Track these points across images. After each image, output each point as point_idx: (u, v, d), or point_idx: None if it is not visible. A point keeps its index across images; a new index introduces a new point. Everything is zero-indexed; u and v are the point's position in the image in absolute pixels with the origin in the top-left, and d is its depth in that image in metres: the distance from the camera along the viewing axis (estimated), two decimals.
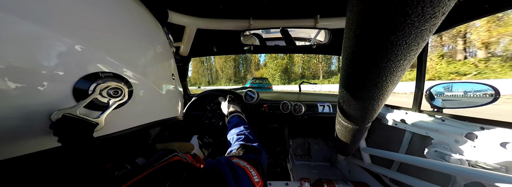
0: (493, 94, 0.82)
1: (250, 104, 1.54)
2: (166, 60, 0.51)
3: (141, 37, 0.43)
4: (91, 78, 0.29)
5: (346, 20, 0.42)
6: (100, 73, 0.30)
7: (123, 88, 0.31)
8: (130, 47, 0.38)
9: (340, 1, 0.88)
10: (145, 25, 0.45)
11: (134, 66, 0.36)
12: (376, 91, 0.53)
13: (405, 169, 1.12)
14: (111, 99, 0.30)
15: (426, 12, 0.30)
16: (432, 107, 1.00)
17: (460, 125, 0.82)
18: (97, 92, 0.28)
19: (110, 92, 0.30)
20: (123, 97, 0.31)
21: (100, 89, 0.29)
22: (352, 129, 0.87)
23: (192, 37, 1.09)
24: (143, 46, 0.42)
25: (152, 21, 0.49)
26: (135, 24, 0.41)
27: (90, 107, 0.29)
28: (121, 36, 0.36)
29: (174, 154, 0.38)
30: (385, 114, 1.26)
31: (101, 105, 0.29)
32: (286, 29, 1.04)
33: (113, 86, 0.30)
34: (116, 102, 0.30)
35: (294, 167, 1.86)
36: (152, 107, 0.41)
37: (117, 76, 0.32)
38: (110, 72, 0.31)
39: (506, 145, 0.67)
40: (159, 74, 0.45)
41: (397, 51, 0.38)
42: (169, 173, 0.33)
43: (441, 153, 0.86)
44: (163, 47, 0.50)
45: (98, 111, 0.29)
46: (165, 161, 0.35)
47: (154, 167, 0.32)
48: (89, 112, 0.29)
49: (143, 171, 0.31)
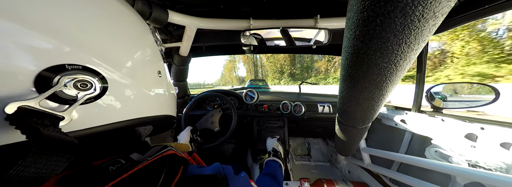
0: (493, 94, 0.82)
1: (250, 104, 1.54)
2: (151, 56, 0.50)
3: (120, 30, 0.41)
4: (55, 70, 0.27)
5: (346, 20, 0.42)
6: (67, 66, 0.28)
7: (93, 82, 0.30)
8: (105, 40, 0.36)
9: (340, 1, 0.88)
10: (126, 18, 0.44)
11: (109, 60, 0.35)
12: (376, 92, 0.53)
13: (405, 169, 1.12)
14: (79, 92, 0.29)
15: (426, 12, 0.30)
16: (432, 107, 1.00)
17: (460, 125, 0.82)
18: (61, 84, 0.27)
19: (76, 85, 0.28)
20: (93, 90, 0.30)
21: (64, 81, 0.27)
22: (352, 129, 0.87)
23: (192, 37, 1.09)
24: (121, 41, 0.40)
25: (134, 14, 0.49)
26: (113, 17, 0.40)
27: (56, 100, 0.28)
28: (96, 28, 0.35)
29: (168, 148, 0.38)
30: (385, 114, 1.26)
31: (69, 98, 0.28)
32: (286, 29, 1.04)
33: (80, 79, 0.29)
34: (85, 95, 0.29)
35: (294, 167, 1.86)
36: (133, 104, 0.40)
37: (87, 69, 0.31)
38: (78, 64, 0.30)
39: (506, 145, 0.67)
40: (141, 71, 0.44)
41: (397, 52, 0.38)
42: (163, 166, 0.33)
43: (441, 153, 0.86)
44: (147, 44, 0.49)
45: (65, 104, 0.28)
46: (160, 154, 0.35)
47: (148, 160, 0.32)
48: (56, 105, 0.28)
49: (138, 165, 0.31)
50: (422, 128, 0.98)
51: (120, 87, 0.36)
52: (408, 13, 0.31)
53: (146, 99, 0.44)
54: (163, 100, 0.52)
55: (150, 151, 0.37)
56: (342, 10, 0.98)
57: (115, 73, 0.35)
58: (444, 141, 0.87)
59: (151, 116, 0.44)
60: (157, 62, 0.52)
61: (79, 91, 0.29)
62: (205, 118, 1.36)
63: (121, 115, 0.37)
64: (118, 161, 0.31)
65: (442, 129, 0.88)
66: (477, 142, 0.75)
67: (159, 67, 0.51)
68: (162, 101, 0.51)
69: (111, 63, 0.35)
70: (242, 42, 1.11)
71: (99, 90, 0.31)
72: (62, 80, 0.27)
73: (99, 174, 0.28)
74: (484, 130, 0.74)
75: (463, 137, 0.79)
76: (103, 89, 0.32)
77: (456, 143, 0.81)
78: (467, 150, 0.77)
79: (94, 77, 0.31)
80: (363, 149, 1.39)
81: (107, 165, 0.30)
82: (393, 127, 1.19)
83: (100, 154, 0.33)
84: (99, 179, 0.27)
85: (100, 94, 0.32)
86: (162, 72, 0.52)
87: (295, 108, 1.50)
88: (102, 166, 0.29)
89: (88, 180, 0.27)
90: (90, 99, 0.31)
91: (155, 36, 0.58)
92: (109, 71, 0.34)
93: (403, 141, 1.13)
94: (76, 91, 0.29)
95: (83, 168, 0.29)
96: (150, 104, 0.45)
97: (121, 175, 0.28)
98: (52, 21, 0.28)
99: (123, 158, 0.32)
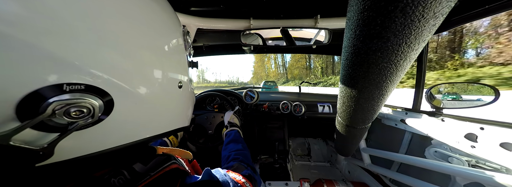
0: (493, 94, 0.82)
1: (250, 104, 1.54)
2: (175, 66, 0.41)
3: (143, 34, 0.32)
4: (49, 91, 0.21)
5: (346, 20, 0.42)
6: (65, 86, 0.22)
7: (93, 107, 0.24)
8: (121, 45, 0.28)
9: (340, 1, 0.88)
10: (153, 16, 0.34)
11: (123, 76, 0.28)
12: (376, 92, 0.53)
13: (405, 170, 1.12)
14: (72, 121, 0.23)
15: (426, 12, 0.30)
16: (432, 107, 1.00)
17: (460, 125, 0.82)
18: (48, 113, 0.21)
19: (69, 112, 0.22)
20: (90, 117, 0.24)
21: (53, 108, 0.21)
22: (352, 129, 0.87)
23: (192, 37, 1.09)
24: (142, 48, 0.31)
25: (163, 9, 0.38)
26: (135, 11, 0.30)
27: (42, 128, 0.22)
28: (110, 27, 0.26)
29: (172, 161, 0.37)
30: (385, 114, 1.26)
31: (59, 127, 0.23)
32: (286, 29, 1.04)
33: (75, 105, 0.22)
34: (78, 124, 0.23)
35: (294, 167, 1.86)
36: (142, 124, 0.33)
37: (91, 89, 0.24)
38: (80, 84, 0.23)
39: (506, 145, 0.67)
40: (158, 85, 0.35)
41: (397, 52, 0.38)
42: (165, 181, 0.33)
43: (441, 154, 0.86)
44: (174, 51, 0.40)
45: (55, 132, 0.23)
46: (163, 169, 0.34)
47: (152, 176, 0.32)
48: (41, 135, 0.22)
49: (141, 180, 0.30)
50: (422, 128, 0.98)
51: (128, 107, 0.29)
52: (408, 13, 0.31)
53: (157, 117, 0.37)
54: (179, 113, 0.45)
55: (153, 162, 0.35)
56: (342, 10, 0.98)
57: (125, 90, 0.28)
58: (444, 141, 0.87)
59: (161, 133, 0.39)
60: (180, 73, 0.43)
61: (71, 119, 0.23)
62: (206, 115, 1.38)
63: (124, 138, 0.31)
64: (120, 172, 0.30)
65: (442, 129, 0.88)
66: (477, 142, 0.75)
67: (181, 78, 0.43)
68: (178, 115, 0.45)
69: (122, 78, 0.27)
70: (242, 42, 1.11)
71: (99, 115, 0.25)
72: (50, 107, 0.21)
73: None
74: (484, 130, 0.74)
75: (463, 137, 0.79)
76: (105, 112, 0.26)
77: (456, 143, 0.81)
78: (467, 150, 0.77)
79: (96, 99, 0.25)
80: (363, 149, 1.39)
81: (109, 176, 0.29)
82: (393, 127, 1.19)
83: (102, 165, 0.32)
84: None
85: (101, 118, 0.26)
86: (183, 82, 0.43)
87: (295, 108, 1.50)
88: (104, 177, 0.28)
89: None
90: (86, 126, 0.25)
91: (186, 39, 0.47)
92: (118, 88, 0.27)
93: (403, 141, 1.13)
94: (68, 120, 0.23)
95: (85, 180, 0.28)
96: (163, 121, 0.39)
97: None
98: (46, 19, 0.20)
99: (125, 169, 0.31)
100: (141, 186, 0.29)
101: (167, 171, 0.34)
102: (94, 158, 0.29)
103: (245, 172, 0.51)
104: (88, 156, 0.27)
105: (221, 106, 1.56)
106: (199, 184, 0.36)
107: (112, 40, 0.27)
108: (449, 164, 0.77)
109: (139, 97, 0.31)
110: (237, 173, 0.47)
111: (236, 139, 0.82)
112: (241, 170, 0.52)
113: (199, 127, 1.36)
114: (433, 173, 0.90)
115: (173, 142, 1.02)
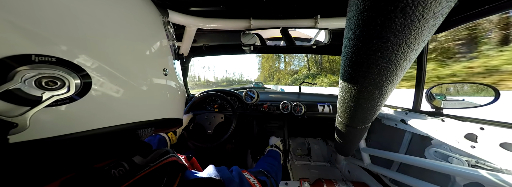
0: (493, 94, 0.82)
1: (250, 104, 1.54)
2: (156, 51, 0.43)
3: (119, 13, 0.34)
4: (17, 61, 0.21)
5: (346, 20, 0.42)
6: (33, 57, 0.22)
7: (66, 79, 0.24)
8: (95, 23, 0.29)
9: (340, 1, 0.88)
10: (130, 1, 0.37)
11: (97, 50, 0.28)
12: (376, 92, 0.53)
13: (405, 170, 1.12)
14: (45, 92, 0.23)
15: (426, 12, 0.30)
16: (432, 107, 1.00)
17: (460, 125, 0.82)
18: (16, 81, 0.21)
19: (41, 82, 0.23)
20: (66, 89, 0.24)
21: (22, 76, 0.22)
22: (352, 129, 0.87)
23: (192, 37, 1.09)
24: (118, 25, 0.33)
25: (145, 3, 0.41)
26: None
27: (13, 100, 0.22)
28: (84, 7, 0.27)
29: (171, 154, 0.38)
30: (385, 114, 1.26)
31: (32, 99, 0.23)
32: (286, 29, 1.04)
33: (46, 75, 0.23)
34: (53, 95, 0.23)
35: (294, 167, 1.86)
36: (125, 107, 0.34)
37: (63, 63, 0.24)
38: (51, 56, 0.23)
39: (506, 145, 0.67)
40: (141, 66, 0.36)
41: (397, 52, 0.38)
42: (164, 172, 0.33)
43: (441, 154, 0.86)
44: (153, 36, 0.43)
45: (26, 106, 0.23)
46: (162, 161, 0.35)
47: (151, 167, 0.32)
48: (11, 107, 0.22)
49: (141, 171, 0.31)
50: (422, 128, 0.98)
51: (108, 86, 0.30)
52: (408, 13, 0.31)
53: (143, 100, 0.38)
54: (167, 101, 0.46)
55: (152, 155, 0.36)
56: (342, 10, 0.97)
57: (103, 68, 0.28)
58: (444, 141, 0.87)
59: (149, 120, 0.39)
60: (163, 58, 0.45)
61: (44, 90, 0.23)
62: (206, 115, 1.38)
63: (107, 120, 0.31)
64: (121, 163, 0.30)
65: (442, 129, 0.88)
66: (477, 142, 0.75)
67: (165, 64, 0.44)
68: (166, 103, 0.45)
69: (98, 55, 0.28)
70: (242, 42, 1.11)
71: (74, 90, 0.25)
72: (18, 75, 0.22)
73: (102, 178, 0.27)
74: (484, 130, 0.74)
75: (462, 137, 0.79)
76: (83, 88, 0.26)
77: (456, 143, 0.81)
78: (467, 150, 0.77)
79: (70, 73, 0.25)
80: (363, 149, 1.39)
81: (109, 167, 0.29)
82: (393, 127, 1.19)
83: (101, 156, 0.33)
84: (102, 184, 0.26)
85: (80, 93, 0.26)
86: (169, 70, 0.45)
87: (295, 108, 1.50)
88: (105, 169, 0.29)
89: (91, 184, 0.26)
90: (62, 101, 0.25)
91: (167, 29, 0.51)
92: (94, 65, 0.27)
93: (403, 141, 1.13)
94: (40, 90, 0.23)
95: (85, 171, 0.28)
96: (149, 106, 0.40)
97: (125, 182, 0.28)
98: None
99: (125, 161, 0.31)
100: (140, 176, 0.30)
101: (166, 162, 0.35)
102: (91, 146, 0.30)
103: (263, 177, 0.51)
104: (74, 135, 0.27)
105: (221, 106, 1.56)
106: (201, 181, 0.36)
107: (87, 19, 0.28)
108: (449, 164, 0.77)
109: (117, 76, 0.31)
110: (253, 176, 0.47)
111: (275, 156, 0.93)
112: (259, 175, 0.52)
113: (199, 126, 1.36)
114: (433, 173, 0.90)
115: (171, 139, 1.02)
